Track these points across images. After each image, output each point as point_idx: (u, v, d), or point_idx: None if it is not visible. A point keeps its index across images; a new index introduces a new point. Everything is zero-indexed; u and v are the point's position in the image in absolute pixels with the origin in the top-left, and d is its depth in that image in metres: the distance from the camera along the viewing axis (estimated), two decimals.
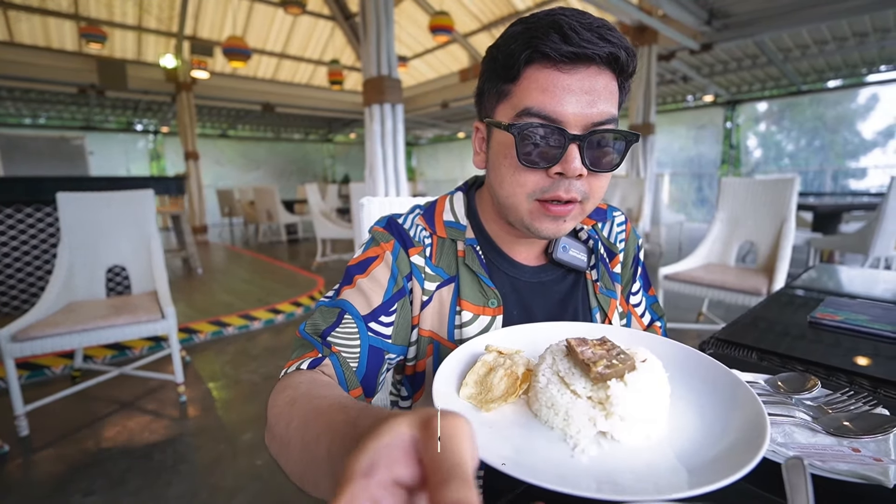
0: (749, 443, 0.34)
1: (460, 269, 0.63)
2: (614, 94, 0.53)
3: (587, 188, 0.55)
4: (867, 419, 0.47)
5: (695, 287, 2.55)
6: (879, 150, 8.11)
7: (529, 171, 0.54)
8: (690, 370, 0.47)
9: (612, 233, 0.74)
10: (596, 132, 0.51)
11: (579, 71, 0.50)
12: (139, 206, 2.48)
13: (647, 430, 0.38)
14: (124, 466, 1.73)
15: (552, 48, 0.49)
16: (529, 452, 0.37)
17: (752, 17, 5.60)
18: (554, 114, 0.50)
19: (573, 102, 0.50)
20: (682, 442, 0.38)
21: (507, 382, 0.44)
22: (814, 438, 0.46)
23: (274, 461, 0.82)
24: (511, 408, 0.44)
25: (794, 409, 0.51)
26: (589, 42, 0.48)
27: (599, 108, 0.51)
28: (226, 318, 3.36)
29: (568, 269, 0.68)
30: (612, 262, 0.72)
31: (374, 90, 3.62)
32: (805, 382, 0.55)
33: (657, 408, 0.39)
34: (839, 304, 0.95)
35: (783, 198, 2.61)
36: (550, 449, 0.37)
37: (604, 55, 0.49)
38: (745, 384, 0.42)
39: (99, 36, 6.21)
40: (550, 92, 0.50)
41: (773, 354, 0.73)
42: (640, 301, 0.76)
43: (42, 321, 1.95)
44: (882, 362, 0.68)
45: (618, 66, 0.52)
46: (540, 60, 0.51)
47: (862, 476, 0.39)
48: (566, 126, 0.51)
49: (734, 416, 0.39)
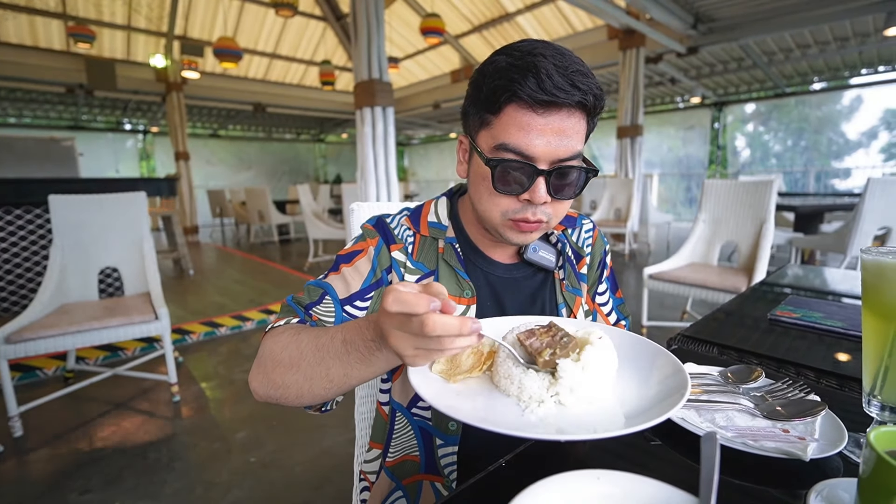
0: (673, 397, 0.41)
1: (439, 264, 0.71)
2: (581, 132, 0.60)
3: (551, 211, 0.64)
4: (799, 405, 0.53)
5: (678, 286, 2.62)
6: (863, 151, 8.30)
7: (503, 196, 0.62)
8: (632, 350, 0.54)
9: (580, 238, 0.81)
10: (560, 168, 0.59)
11: (552, 114, 0.57)
12: (131, 208, 2.50)
13: (593, 396, 0.45)
14: (120, 465, 1.76)
15: (529, 94, 0.55)
16: (487, 410, 0.44)
17: (737, 22, 5.73)
18: (527, 151, 0.58)
19: (544, 142, 0.57)
20: (622, 402, 0.45)
21: (473, 359, 0.50)
22: (752, 422, 0.52)
23: (264, 456, 0.88)
24: (476, 381, 0.50)
25: (740, 397, 0.57)
26: (562, 90, 0.55)
27: (566, 145, 0.58)
28: (218, 318, 3.39)
29: (538, 269, 0.75)
30: (579, 264, 0.79)
31: (365, 93, 3.66)
32: (751, 374, 0.61)
33: (603, 379, 0.45)
34: (799, 302, 1.02)
35: (763, 199, 2.69)
36: (506, 410, 0.44)
37: (574, 102, 0.56)
38: (672, 357, 0.49)
39: (87, 35, 6.17)
40: (525, 132, 0.57)
41: (732, 349, 0.79)
42: (608, 301, 0.83)
43: (36, 323, 1.96)
44: (828, 355, 0.75)
45: (587, 108, 0.59)
46: (518, 101, 0.57)
47: (785, 452, 0.45)
48: (535, 161, 0.59)
49: (664, 381, 0.46)
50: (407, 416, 0.71)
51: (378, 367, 0.49)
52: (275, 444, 1.89)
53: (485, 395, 0.47)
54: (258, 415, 2.14)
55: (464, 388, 0.48)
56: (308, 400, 0.55)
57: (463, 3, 8.10)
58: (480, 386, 0.49)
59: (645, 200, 6.34)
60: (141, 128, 11.57)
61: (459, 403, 0.44)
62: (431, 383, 0.46)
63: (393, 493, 0.72)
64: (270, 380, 0.56)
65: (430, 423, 0.69)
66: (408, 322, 0.40)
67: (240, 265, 5.92)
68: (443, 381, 0.48)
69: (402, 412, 0.71)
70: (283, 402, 0.58)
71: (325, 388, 0.53)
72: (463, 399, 0.46)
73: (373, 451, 0.77)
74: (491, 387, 0.49)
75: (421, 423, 0.70)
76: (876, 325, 0.47)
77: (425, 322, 0.38)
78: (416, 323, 0.39)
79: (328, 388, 0.53)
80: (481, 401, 0.46)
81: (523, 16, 7.78)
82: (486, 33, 8.58)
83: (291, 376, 0.54)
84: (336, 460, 1.78)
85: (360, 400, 0.92)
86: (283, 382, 0.55)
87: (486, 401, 0.46)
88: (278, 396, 0.56)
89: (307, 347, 0.53)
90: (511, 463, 0.49)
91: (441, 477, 0.69)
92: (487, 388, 0.49)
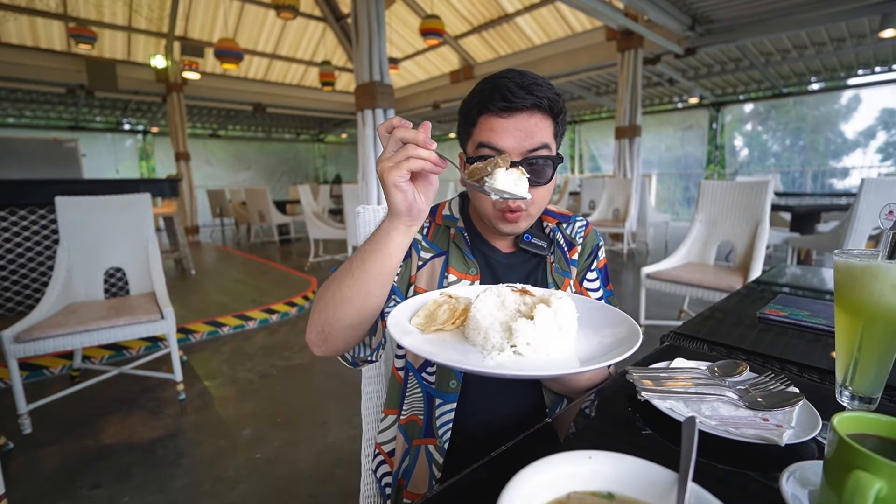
0: (627, 343, 0.49)
1: (450, 246, 0.85)
2: (546, 128, 0.75)
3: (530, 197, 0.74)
4: (779, 396, 0.57)
5: (675, 285, 2.67)
6: (860, 151, 8.35)
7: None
8: (595, 314, 0.61)
9: (574, 230, 0.92)
10: (528, 158, 0.73)
11: (514, 116, 0.73)
12: (137, 209, 2.54)
13: (549, 347, 0.51)
14: (128, 461, 1.80)
15: (493, 104, 0.73)
16: (455, 353, 0.51)
17: (734, 23, 5.77)
18: (498, 145, 0.73)
19: (511, 137, 0.73)
20: (578, 354, 0.52)
21: (448, 314, 0.57)
22: (735, 412, 0.56)
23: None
24: (450, 333, 0.57)
25: (725, 389, 0.61)
26: (519, 97, 0.71)
27: (532, 139, 0.73)
28: (221, 318, 3.42)
29: (532, 255, 0.88)
30: (570, 252, 0.90)
31: (365, 95, 3.70)
32: (736, 368, 0.65)
33: (559, 334, 0.52)
34: (787, 301, 1.06)
35: (758, 200, 2.73)
36: (469, 356, 0.50)
37: (529, 104, 0.72)
38: (628, 318, 0.57)
39: (88, 36, 6.20)
40: (496, 132, 0.73)
41: (721, 346, 0.83)
42: (598, 289, 0.91)
43: (44, 322, 2.00)
44: (812, 351, 0.79)
45: (543, 109, 0.74)
46: (487, 112, 0.74)
47: (763, 438, 0.49)
48: (507, 153, 0.72)
49: (622, 334, 0.54)
50: (417, 378, 0.81)
51: (399, 242, 0.63)
52: (279, 441, 1.93)
53: (453, 343, 0.54)
54: (262, 412, 2.19)
55: (436, 338, 0.55)
56: (361, 304, 0.65)
57: (462, 4, 8.14)
58: (452, 337, 0.56)
59: (643, 200, 6.39)
60: (141, 128, 11.59)
61: (432, 349, 0.51)
62: (411, 335, 0.53)
63: (406, 456, 0.81)
64: (325, 305, 0.66)
65: (434, 386, 0.79)
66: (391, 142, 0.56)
67: (241, 265, 5.96)
68: (419, 331, 0.56)
69: (414, 374, 0.82)
70: (335, 330, 0.67)
71: (375, 279, 0.64)
72: (435, 346, 0.53)
73: (387, 419, 0.86)
74: (462, 339, 0.56)
75: (427, 388, 0.80)
76: (847, 321, 0.51)
77: (400, 132, 0.55)
78: (392, 140, 0.56)
79: (378, 275, 0.63)
80: (449, 347, 0.53)
81: (522, 17, 7.82)
82: (486, 34, 8.62)
83: (345, 286, 0.64)
84: (340, 454, 1.82)
85: (366, 395, 0.96)
86: (341, 296, 0.65)
87: (452, 348, 0.53)
88: (332, 319, 0.66)
89: (352, 260, 0.65)
90: (509, 451, 0.53)
91: (434, 438, 0.78)
92: (458, 339, 0.56)
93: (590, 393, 0.67)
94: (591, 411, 0.64)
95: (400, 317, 0.58)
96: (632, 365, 0.73)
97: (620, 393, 0.67)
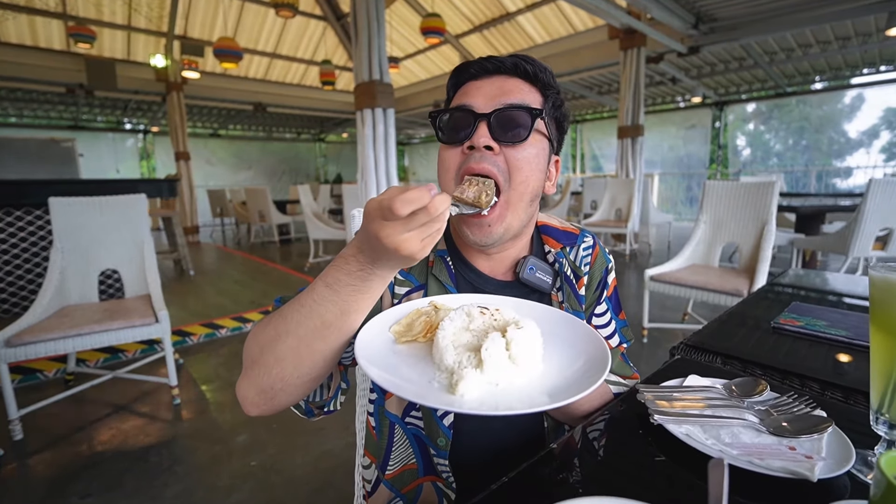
0: (596, 371, 0.45)
1: (429, 278, 0.69)
2: (527, 92, 0.64)
3: (503, 162, 0.62)
4: (805, 420, 0.53)
5: (680, 288, 2.62)
6: (864, 151, 8.29)
7: (450, 148, 0.64)
8: (564, 329, 0.56)
9: (578, 256, 0.77)
10: (500, 110, 0.61)
11: (489, 78, 0.65)
12: (132, 210, 2.50)
13: (506, 376, 0.46)
14: (120, 468, 1.76)
15: (467, 72, 0.67)
16: (399, 373, 0.46)
17: (738, 21, 5.71)
18: (467, 103, 0.63)
19: (482, 95, 0.63)
20: (547, 381, 0.47)
21: (423, 326, 0.53)
22: (757, 438, 0.51)
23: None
24: (422, 346, 0.52)
25: (745, 411, 0.56)
26: (493, 62, 0.65)
27: (510, 97, 0.62)
28: (219, 320, 3.39)
29: (533, 289, 0.71)
30: (578, 284, 0.75)
31: (365, 95, 3.65)
32: (756, 387, 0.61)
33: (514, 370, 0.47)
34: (802, 309, 1.01)
35: (764, 200, 2.68)
36: (419, 378, 0.46)
37: (508, 65, 0.64)
38: (598, 335, 0.52)
39: (87, 36, 6.16)
40: (467, 92, 0.65)
41: (736, 359, 0.79)
42: (609, 322, 0.79)
43: (36, 325, 1.96)
44: (833, 366, 0.74)
45: (526, 76, 0.65)
46: (461, 84, 0.68)
47: (792, 471, 0.44)
48: (475, 108, 0.63)
49: (591, 357, 0.49)
50: (402, 427, 0.70)
51: (376, 289, 0.51)
52: (275, 448, 1.89)
53: (414, 359, 0.50)
54: (258, 418, 2.13)
55: (405, 349, 0.51)
56: (308, 367, 0.52)
57: (463, 3, 8.08)
58: (420, 351, 0.52)
59: (646, 200, 6.33)
60: (141, 127, 11.56)
61: (381, 361, 0.47)
62: (375, 365, 0.45)
63: (391, 501, 0.71)
64: (261, 366, 0.52)
65: (423, 431, 0.69)
66: (414, 218, 0.41)
67: (240, 266, 5.92)
68: (392, 340, 0.52)
69: (398, 422, 0.70)
70: (280, 390, 0.53)
71: (324, 339, 0.51)
72: (391, 357, 0.49)
73: (366, 459, 0.76)
74: (426, 355, 0.51)
75: (414, 431, 0.69)
76: (884, 341, 0.46)
77: (432, 205, 0.41)
78: (423, 213, 0.41)
79: (328, 336, 0.50)
80: (406, 363, 0.49)
81: (524, 15, 7.76)
82: (487, 33, 8.56)
83: (282, 344, 0.51)
84: (337, 462, 1.78)
85: (360, 409, 0.92)
86: (275, 358, 0.51)
87: (411, 365, 0.49)
88: (272, 382, 0.52)
89: (290, 312, 0.51)
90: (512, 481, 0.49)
91: (440, 478, 0.68)
92: (424, 354, 0.51)
93: (595, 416, 0.63)
94: (597, 434, 0.60)
95: (381, 323, 0.54)
96: (642, 382, 0.68)
97: (630, 412, 0.63)
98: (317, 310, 0.50)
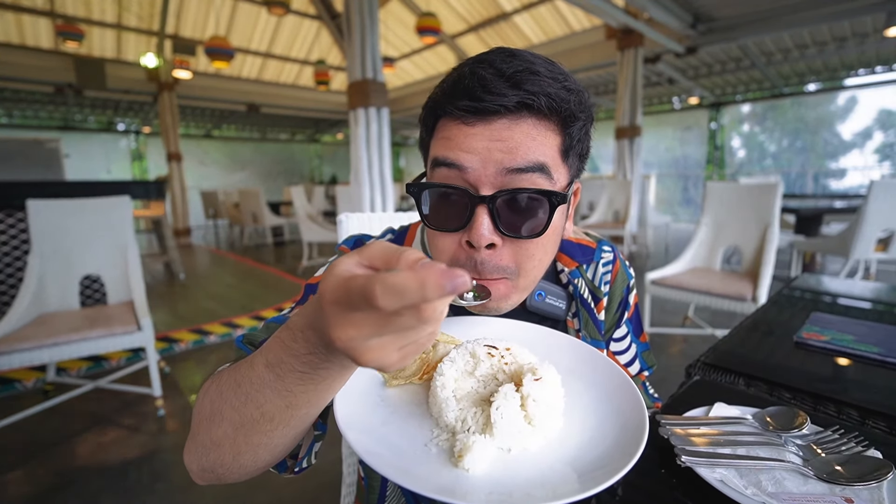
0: (630, 439, 0.36)
1: None
2: (544, 141, 0.45)
3: (511, 262, 0.48)
4: (859, 463, 0.45)
5: (682, 292, 2.55)
6: (857, 152, 8.30)
7: (443, 236, 0.49)
8: (584, 368, 0.47)
9: (597, 275, 0.66)
10: (503, 192, 0.44)
11: (489, 123, 0.44)
12: (115, 212, 2.40)
13: (521, 439, 0.38)
14: (97, 487, 1.66)
15: (454, 104, 0.45)
16: (387, 438, 0.37)
17: (736, 22, 5.68)
18: (457, 160, 0.45)
19: (477, 156, 0.44)
20: (566, 451, 0.38)
21: (418, 365, 0.45)
22: (805, 486, 0.44)
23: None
24: (416, 391, 0.45)
25: (785, 450, 0.49)
26: (494, 93, 0.43)
27: (514, 156, 0.44)
28: (208, 325, 3.29)
29: (543, 317, 0.61)
30: (597, 308, 0.65)
31: (358, 93, 3.57)
32: (794, 418, 0.53)
33: (530, 430, 0.38)
34: (825, 321, 0.94)
35: (767, 203, 2.63)
36: (412, 442, 0.38)
37: (512, 104, 0.43)
38: (633, 385, 0.43)
39: (76, 34, 6.05)
40: (453, 144, 0.46)
41: (760, 380, 0.71)
42: (629, 347, 0.70)
43: (10, 335, 1.87)
44: (869, 389, 0.67)
45: (539, 111, 0.45)
46: (447, 116, 0.47)
47: None
48: (474, 184, 0.45)
49: (620, 418, 0.40)
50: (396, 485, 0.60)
51: (331, 383, 0.34)
52: None
53: (408, 416, 0.42)
54: None
55: (395, 395, 0.44)
56: (250, 458, 0.40)
57: (459, 3, 8.02)
58: (412, 396, 0.44)
59: (643, 202, 6.28)
60: (133, 128, 11.41)
61: (366, 420, 0.39)
62: (352, 429, 0.36)
63: None
64: (198, 444, 0.41)
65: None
66: (396, 318, 0.25)
67: (232, 268, 5.81)
68: (382, 382, 0.45)
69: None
70: (223, 475, 0.42)
71: (266, 434, 0.37)
72: (379, 412, 0.41)
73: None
74: (421, 402, 0.43)
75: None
76: None
77: (430, 309, 0.25)
78: (412, 314, 0.25)
79: (270, 430, 0.37)
80: (394, 422, 0.40)
81: (520, 15, 7.70)
82: (483, 33, 8.50)
83: (217, 429, 0.39)
84: (325, 478, 1.69)
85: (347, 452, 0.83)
86: (211, 441, 0.40)
87: (398, 425, 0.40)
88: (212, 466, 0.41)
89: (226, 386, 0.39)
90: None
91: None
92: (417, 402, 0.43)
93: None
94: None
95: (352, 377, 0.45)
96: (662, 411, 0.60)
97: (649, 446, 0.55)
98: (255, 397, 0.36)
